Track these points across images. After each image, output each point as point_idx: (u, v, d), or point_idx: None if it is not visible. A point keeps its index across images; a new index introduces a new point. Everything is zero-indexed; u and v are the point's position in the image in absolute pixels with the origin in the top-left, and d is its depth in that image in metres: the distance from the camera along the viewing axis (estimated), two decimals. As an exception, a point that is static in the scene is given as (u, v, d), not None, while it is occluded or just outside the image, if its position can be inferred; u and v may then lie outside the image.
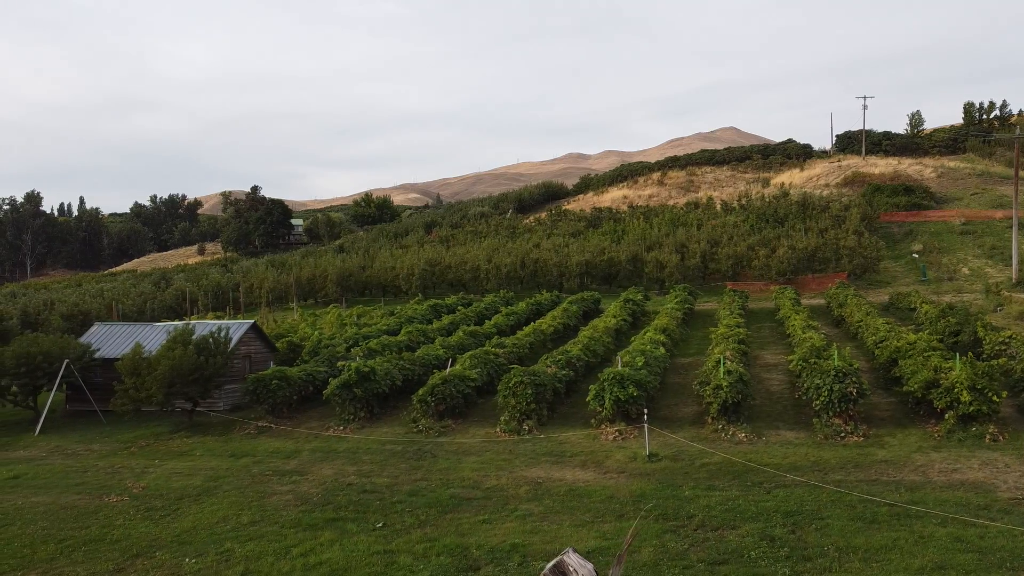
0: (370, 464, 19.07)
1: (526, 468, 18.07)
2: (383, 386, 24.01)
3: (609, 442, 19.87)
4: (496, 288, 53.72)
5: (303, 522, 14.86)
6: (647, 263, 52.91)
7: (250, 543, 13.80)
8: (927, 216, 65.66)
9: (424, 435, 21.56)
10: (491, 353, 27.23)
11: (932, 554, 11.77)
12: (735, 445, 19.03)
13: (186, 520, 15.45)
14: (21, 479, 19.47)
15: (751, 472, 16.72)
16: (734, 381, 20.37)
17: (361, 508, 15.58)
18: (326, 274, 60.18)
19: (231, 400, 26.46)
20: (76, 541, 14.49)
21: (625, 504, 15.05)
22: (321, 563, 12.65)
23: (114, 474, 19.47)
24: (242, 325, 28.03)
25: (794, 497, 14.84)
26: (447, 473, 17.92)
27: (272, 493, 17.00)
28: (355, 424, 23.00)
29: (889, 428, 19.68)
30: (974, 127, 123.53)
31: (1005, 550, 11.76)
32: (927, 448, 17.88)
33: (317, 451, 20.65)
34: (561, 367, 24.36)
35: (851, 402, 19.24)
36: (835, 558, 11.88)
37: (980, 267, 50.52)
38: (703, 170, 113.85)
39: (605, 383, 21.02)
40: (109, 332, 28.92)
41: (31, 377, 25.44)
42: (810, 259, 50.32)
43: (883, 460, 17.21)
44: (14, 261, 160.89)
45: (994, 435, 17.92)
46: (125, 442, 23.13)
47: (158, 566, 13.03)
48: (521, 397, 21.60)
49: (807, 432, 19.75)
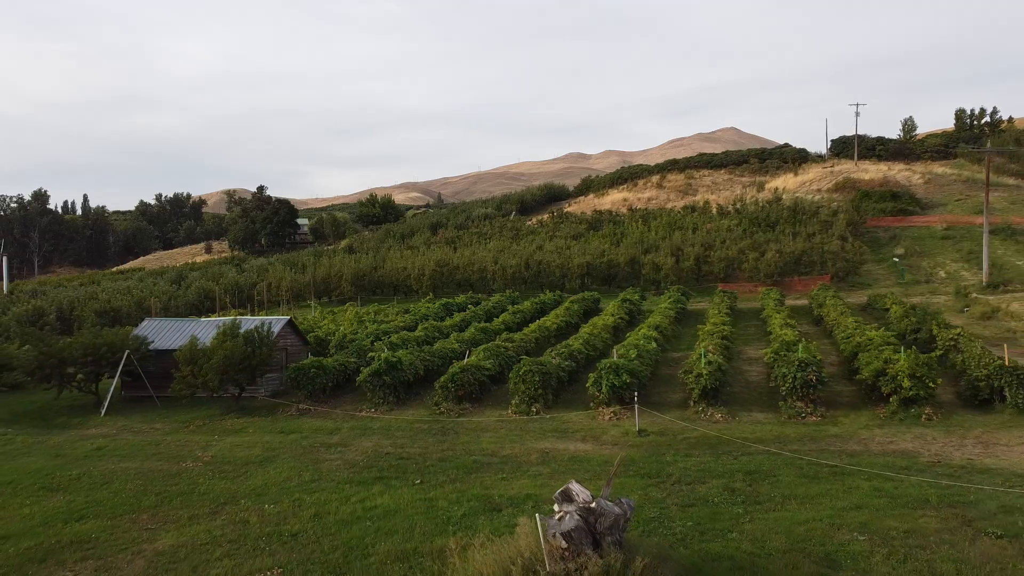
0: (402, 438, 22.42)
1: (535, 441, 21.41)
2: (408, 375, 27.38)
3: (605, 421, 23.21)
4: (502, 288, 57.04)
5: (354, 480, 18.22)
6: (644, 265, 56.26)
7: (315, 494, 17.15)
8: (912, 221, 68.99)
9: (446, 416, 24.91)
10: (502, 347, 30.58)
11: (854, 498, 15.11)
12: (713, 423, 22.38)
13: (256, 479, 18.80)
14: (104, 450, 22.82)
15: (723, 444, 20.06)
16: (713, 370, 23.72)
17: (400, 470, 18.94)
18: (341, 274, 63.52)
19: (271, 387, 29.80)
20: (171, 494, 17.85)
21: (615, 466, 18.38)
22: (376, 507, 15.99)
23: (183, 447, 22.81)
24: (280, 320, 31.37)
25: (755, 462, 18.18)
26: (468, 445, 21.27)
27: (323, 460, 20.35)
28: (384, 407, 26.35)
29: (845, 410, 23.03)
30: (965, 133, 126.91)
31: (911, 496, 15.11)
32: (872, 426, 21.23)
33: (355, 428, 23.99)
34: (564, 359, 27.71)
35: (811, 387, 22.58)
36: (779, 502, 15.22)
37: (956, 271, 53.83)
38: (701, 173, 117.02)
39: (602, 372, 24.35)
40: (159, 326, 32.25)
41: (96, 366, 28.80)
42: (797, 262, 53.65)
43: (834, 435, 20.56)
44: (22, 259, 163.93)
45: (929, 415, 21.27)
46: (183, 422, 26.48)
47: (244, 510, 16.36)
48: (530, 384, 24.96)
49: (775, 414, 23.10)
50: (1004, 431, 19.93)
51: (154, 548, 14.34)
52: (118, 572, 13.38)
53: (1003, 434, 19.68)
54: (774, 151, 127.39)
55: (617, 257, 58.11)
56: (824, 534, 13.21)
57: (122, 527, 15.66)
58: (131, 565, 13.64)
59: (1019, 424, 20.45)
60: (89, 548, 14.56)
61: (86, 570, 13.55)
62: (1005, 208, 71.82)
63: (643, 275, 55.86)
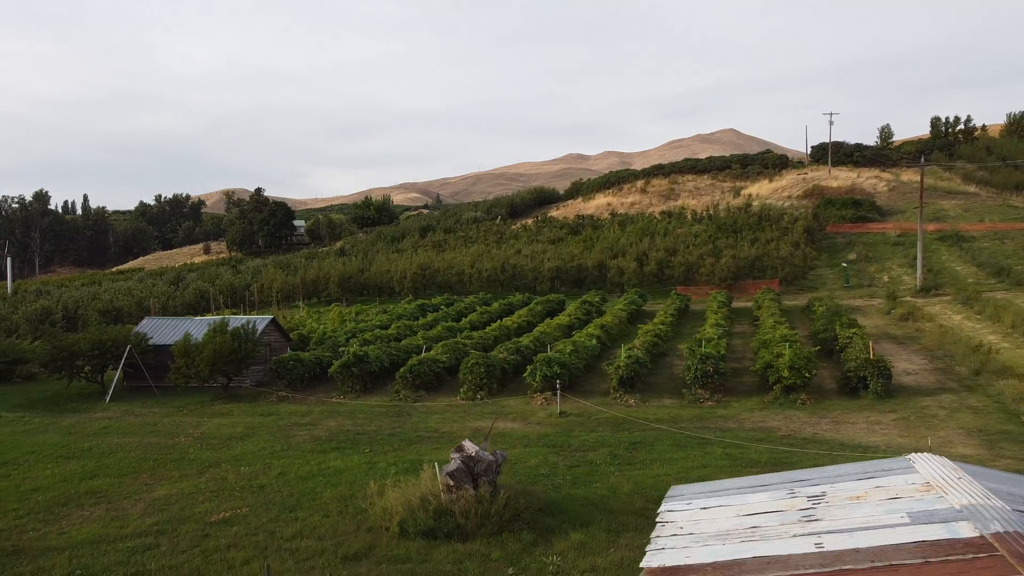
0: (363, 419, 26.44)
1: (473, 421, 25.42)
2: (375, 367, 31.38)
3: (537, 406, 27.22)
4: (478, 290, 61.07)
5: (316, 449, 22.25)
6: (611, 269, 60.30)
7: (283, 459, 21.18)
8: (869, 228, 73.04)
9: (404, 402, 28.92)
10: (460, 343, 34.60)
11: (704, 460, 19.14)
12: (626, 407, 26.39)
13: (236, 450, 22.82)
14: (110, 428, 26.83)
15: (627, 423, 24.08)
16: (631, 363, 27.75)
17: (355, 443, 22.97)
18: (328, 276, 67.56)
19: (255, 378, 33.78)
20: (166, 459, 21.88)
21: (531, 440, 22.43)
22: (329, 468, 20.02)
23: (177, 426, 26.83)
24: (264, 319, 35.38)
25: (644, 436, 22.20)
26: (417, 424, 25.29)
27: (294, 435, 24.37)
28: (352, 394, 30.36)
29: (739, 397, 27.05)
30: (940, 140, 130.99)
31: (748, 459, 19.14)
32: (755, 409, 25.26)
33: (324, 412, 28.01)
34: (511, 353, 31.72)
35: (709, 377, 26.61)
36: (648, 464, 19.25)
37: (899, 275, 57.87)
38: (685, 178, 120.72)
39: (538, 364, 28.35)
40: (157, 324, 36.26)
41: (102, 358, 32.81)
42: (751, 267, 57.69)
43: (720, 416, 24.59)
44: (23, 258, 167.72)
45: (804, 400, 25.29)
46: (177, 407, 30.47)
47: (224, 471, 20.37)
48: (476, 374, 28.98)
49: (680, 399, 27.12)
50: (858, 412, 23.97)
51: (152, 496, 18.39)
52: (124, 511, 17.41)
53: (856, 415, 23.72)
54: (756, 157, 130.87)
55: (586, 261, 62.16)
56: (665, 484, 17.19)
57: (126, 483, 19.70)
58: (134, 507, 17.67)
59: (874, 407, 24.48)
60: (100, 497, 18.60)
61: (99, 511, 17.58)
62: (959, 216, 75.88)
63: (608, 278, 59.88)
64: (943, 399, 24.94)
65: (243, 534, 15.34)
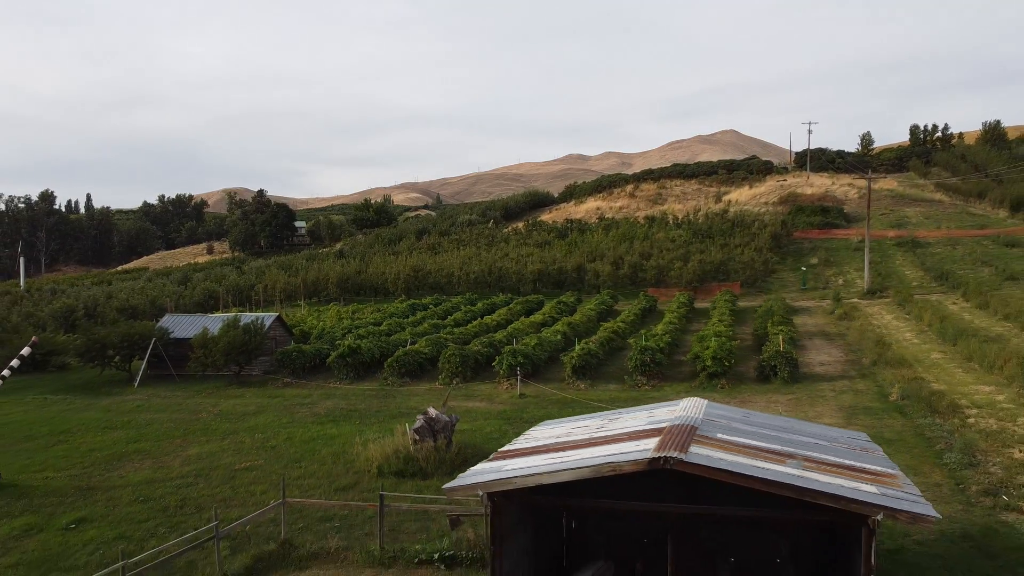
0: (355, 400, 31.42)
1: (448, 402, 30.38)
2: (366, 357, 36.36)
3: (502, 390, 32.18)
4: (466, 291, 65.99)
5: (315, 422, 27.25)
6: (588, 272, 65.25)
7: (289, 428, 26.19)
8: (834, 234, 77.93)
9: (390, 387, 33.89)
10: (442, 338, 39.58)
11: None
12: (576, 391, 31.33)
13: (250, 422, 27.82)
14: (142, 407, 31.84)
15: (574, 403, 29.01)
16: (583, 353, 32.73)
17: (347, 417, 27.97)
18: (328, 277, 72.50)
19: (263, 367, 38.76)
20: (193, 429, 26.89)
21: (491, 415, 27.43)
22: (326, 434, 25.02)
23: (199, 405, 31.82)
24: (270, 316, 40.37)
25: (584, 411, 27.09)
26: (400, 404, 30.28)
27: (297, 412, 29.36)
28: (347, 381, 35.33)
29: (673, 383, 32.00)
30: (919, 147, 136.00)
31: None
32: (683, 392, 30.18)
33: (323, 395, 33.00)
34: (484, 346, 36.70)
35: (647, 366, 31.56)
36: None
37: (853, 279, 62.81)
38: (674, 183, 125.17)
39: (505, 354, 33.32)
40: (177, 320, 41.27)
41: (130, 349, 37.81)
42: (717, 270, 62.61)
43: (652, 397, 29.48)
44: (28, 257, 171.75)
45: (723, 385, 30.24)
46: (196, 391, 35.46)
47: (241, 437, 25.37)
48: (453, 363, 33.96)
49: (623, 385, 32.08)
50: (763, 394, 28.93)
51: (186, 454, 23.41)
52: (166, 464, 22.41)
53: (760, 396, 28.69)
54: (743, 163, 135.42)
55: (567, 264, 67.07)
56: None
57: (164, 445, 24.73)
58: (173, 460, 22.69)
59: (779, 391, 29.43)
60: (146, 455, 23.62)
61: (147, 463, 22.59)
62: (920, 223, 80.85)
63: (586, 280, 64.79)
64: (837, 384, 29.92)
65: (261, 476, 20.35)
